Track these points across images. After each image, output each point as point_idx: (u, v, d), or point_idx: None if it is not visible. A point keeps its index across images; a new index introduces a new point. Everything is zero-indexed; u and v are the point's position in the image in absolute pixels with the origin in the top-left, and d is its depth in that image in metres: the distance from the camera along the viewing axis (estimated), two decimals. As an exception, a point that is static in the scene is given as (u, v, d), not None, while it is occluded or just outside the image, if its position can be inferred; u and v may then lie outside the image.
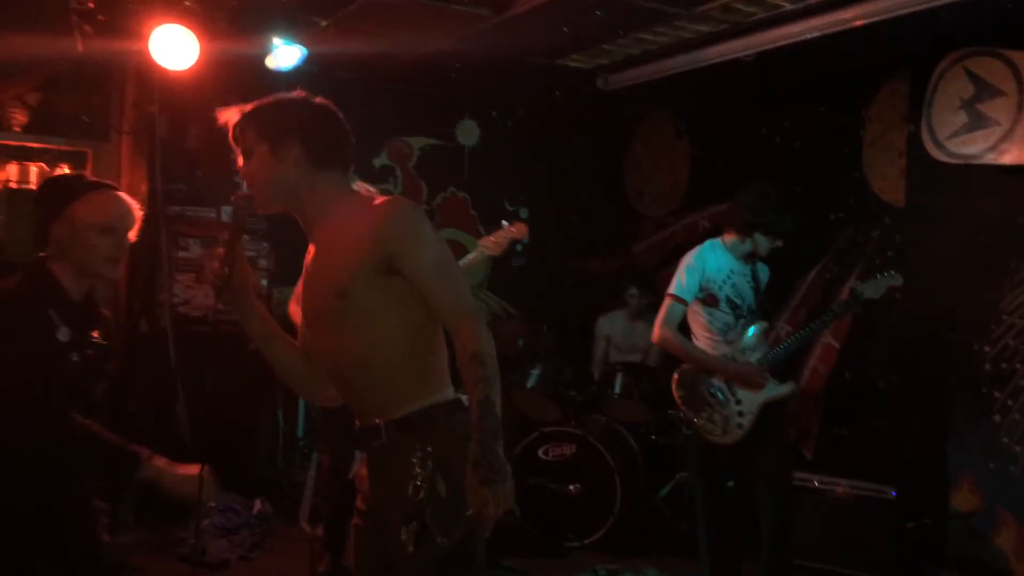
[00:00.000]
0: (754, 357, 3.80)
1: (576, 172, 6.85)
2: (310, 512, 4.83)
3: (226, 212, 5.67)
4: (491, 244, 4.11)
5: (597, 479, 4.94)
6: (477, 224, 6.61)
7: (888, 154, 5.04)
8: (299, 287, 2.23)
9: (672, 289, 3.85)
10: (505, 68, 5.62)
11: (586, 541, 4.91)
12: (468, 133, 6.68)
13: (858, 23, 4.33)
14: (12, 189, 5.57)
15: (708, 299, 3.83)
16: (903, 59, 4.87)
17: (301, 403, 5.68)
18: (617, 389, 5.29)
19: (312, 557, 4.41)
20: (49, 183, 2.64)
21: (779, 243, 3.88)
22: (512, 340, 6.27)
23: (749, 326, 3.83)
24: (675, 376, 3.89)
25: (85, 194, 2.51)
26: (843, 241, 5.22)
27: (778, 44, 4.63)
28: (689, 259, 3.88)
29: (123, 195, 2.59)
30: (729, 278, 3.85)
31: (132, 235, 2.57)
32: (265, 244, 5.80)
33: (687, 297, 3.82)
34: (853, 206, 5.20)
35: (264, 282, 5.65)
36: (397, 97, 6.17)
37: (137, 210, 2.59)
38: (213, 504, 5.03)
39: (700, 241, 4.04)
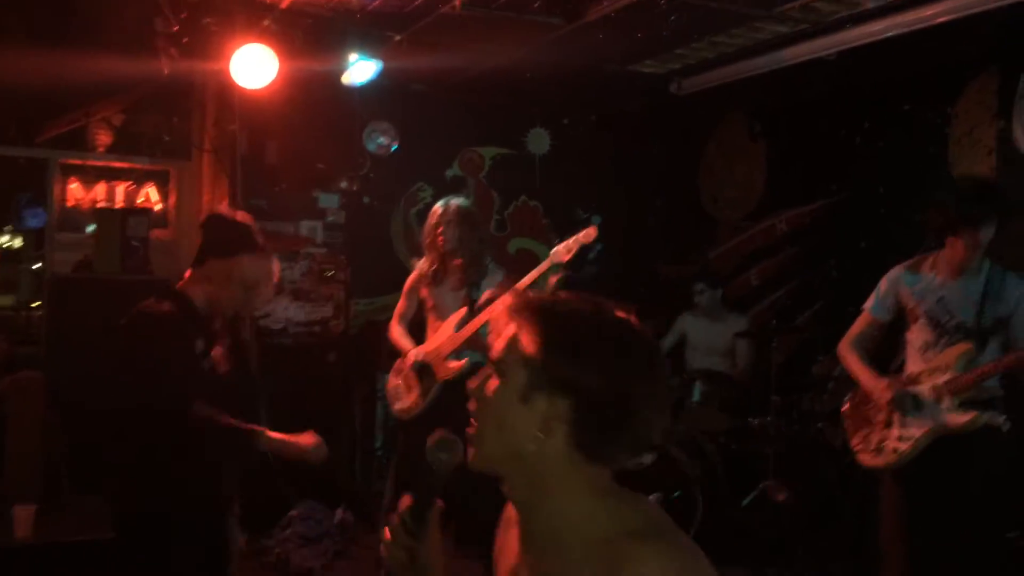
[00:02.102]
0: (942, 379, 3.43)
1: (649, 177, 6.79)
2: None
3: (305, 227, 5.79)
4: (562, 251, 4.12)
5: (676, 489, 4.86)
6: (549, 232, 6.60)
7: (976, 151, 4.87)
8: None
9: (867, 304, 3.68)
10: (576, 75, 5.61)
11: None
12: (538, 142, 6.67)
13: (942, 19, 4.20)
14: (100, 208, 5.77)
15: (909, 315, 3.56)
16: (990, 54, 4.70)
17: (378, 414, 5.74)
18: (696, 397, 5.21)
19: (379, 563, 4.50)
20: (228, 224, 2.83)
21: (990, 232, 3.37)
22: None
23: (951, 345, 3.45)
24: (849, 394, 3.76)
25: (253, 253, 2.82)
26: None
27: (859, 43, 4.51)
28: (890, 272, 3.63)
29: (275, 261, 2.96)
30: (934, 292, 3.51)
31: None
32: (342, 257, 5.89)
33: (879, 314, 3.62)
34: (940, 206, 5.03)
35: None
36: (468, 108, 6.21)
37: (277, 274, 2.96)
38: (295, 513, 5.12)
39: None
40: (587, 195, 6.72)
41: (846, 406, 3.69)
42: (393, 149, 6.00)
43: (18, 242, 14.03)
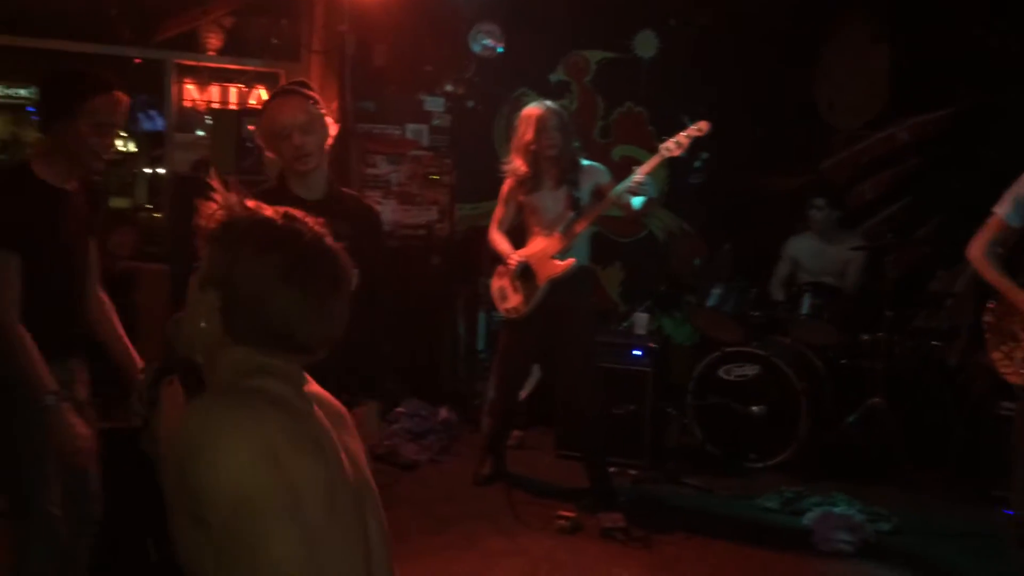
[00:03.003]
0: None
1: (760, 83, 6.52)
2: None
3: (411, 130, 5.81)
4: (673, 146, 4.05)
5: (781, 401, 4.83)
6: (654, 139, 6.43)
7: None
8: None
9: (999, 208, 3.33)
10: (689, -25, 5.38)
11: (768, 463, 4.85)
12: (646, 45, 6.46)
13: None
14: (215, 109, 5.90)
15: None
16: None
17: (482, 316, 5.82)
18: (804, 310, 5.10)
19: (478, 460, 4.68)
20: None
21: None
22: (688, 259, 6.16)
23: None
24: (989, 304, 3.60)
25: (266, 107, 2.73)
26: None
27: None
28: None
29: (290, 103, 2.67)
30: None
31: (315, 138, 2.66)
32: (448, 160, 5.91)
33: (1013, 220, 3.29)
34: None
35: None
36: (574, 10, 6.05)
37: (308, 112, 2.66)
38: (402, 410, 5.30)
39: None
40: (694, 101, 6.48)
41: (988, 318, 3.50)
42: (498, 51, 5.92)
43: (132, 146, 14.52)
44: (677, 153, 4.06)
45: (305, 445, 1.35)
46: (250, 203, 1.47)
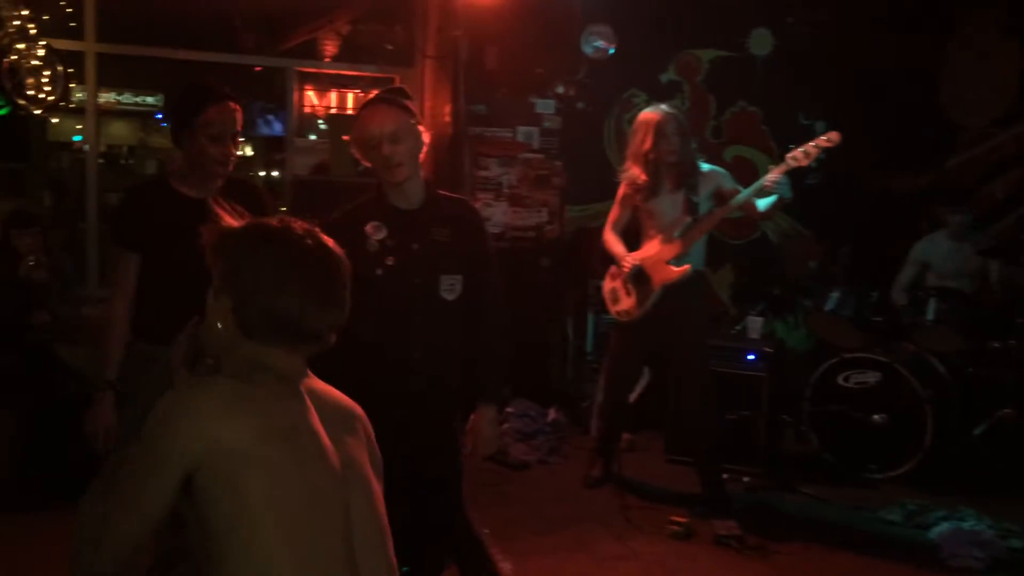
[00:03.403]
0: None
1: (882, 80, 6.30)
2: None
3: (521, 132, 5.85)
4: (800, 156, 3.94)
5: (904, 410, 4.66)
6: (769, 140, 6.32)
7: None
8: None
9: None
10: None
11: (890, 474, 4.68)
12: (761, 43, 6.33)
13: None
14: (333, 114, 6.09)
15: None
16: None
17: (590, 319, 5.82)
18: (930, 315, 4.91)
19: (588, 462, 4.67)
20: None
21: None
22: (802, 261, 6.00)
23: None
24: None
25: (356, 119, 2.72)
26: None
27: None
28: None
29: (379, 113, 2.65)
30: None
31: (405, 147, 2.62)
32: (558, 163, 5.93)
33: None
34: None
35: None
36: (686, 9, 5.98)
37: (397, 122, 2.62)
38: (511, 410, 5.34)
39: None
40: (811, 100, 6.34)
41: None
42: (610, 52, 5.90)
43: (249, 150, 15.10)
44: (804, 163, 3.94)
45: (274, 432, 1.47)
46: (244, 216, 1.62)
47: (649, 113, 4.17)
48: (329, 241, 1.60)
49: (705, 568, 3.70)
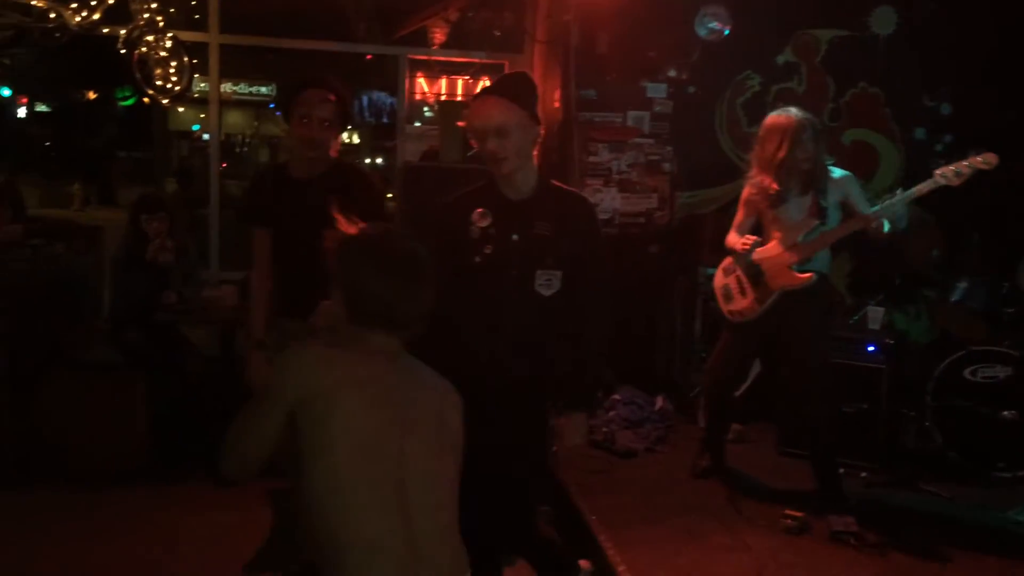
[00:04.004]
0: None
1: (1011, 60, 5.96)
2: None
3: (632, 117, 5.78)
4: (952, 176, 3.73)
5: (1035, 407, 4.41)
6: (890, 122, 6.07)
7: None
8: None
9: None
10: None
11: (1019, 473, 4.45)
12: (884, 21, 6.06)
13: None
14: (443, 101, 6.15)
15: None
16: None
17: (699, 307, 5.72)
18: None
19: (696, 453, 4.60)
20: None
21: None
22: (925, 250, 5.74)
23: None
24: None
25: (469, 110, 2.76)
26: None
27: None
28: None
29: (487, 105, 2.64)
30: None
31: (511, 141, 2.60)
32: (669, 148, 5.84)
33: None
34: None
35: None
36: (805, -14, 5.78)
37: (505, 115, 2.60)
38: (618, 397, 5.31)
39: None
40: (937, 81, 6.05)
41: None
42: (725, 34, 5.77)
43: (356, 138, 15.44)
44: (956, 184, 3.73)
45: (353, 381, 1.88)
46: (359, 225, 2.02)
47: (780, 118, 3.95)
48: (418, 247, 1.99)
49: (821, 564, 3.60)
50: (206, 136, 10.69)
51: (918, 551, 3.72)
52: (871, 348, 4.68)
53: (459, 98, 6.23)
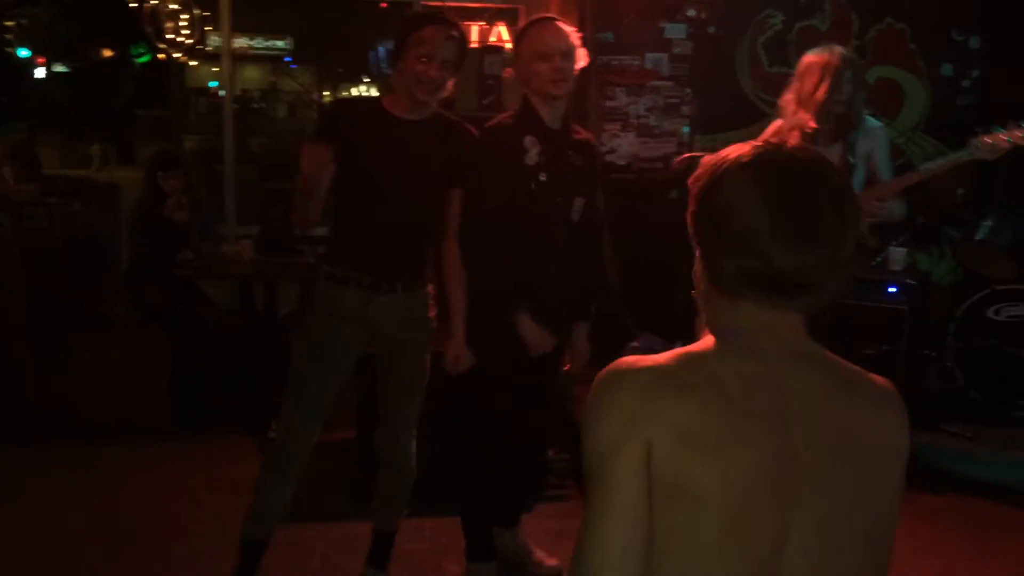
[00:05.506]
0: None
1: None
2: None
3: (650, 59, 5.65)
4: (986, 146, 3.57)
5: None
6: (916, 58, 5.90)
7: None
8: None
9: None
10: None
11: (1044, 412, 4.40)
12: (910, -48, 5.87)
13: None
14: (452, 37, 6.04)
15: None
16: None
17: (720, 252, 5.65)
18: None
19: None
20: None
21: None
22: (950, 188, 5.62)
23: None
24: None
25: (526, 32, 2.83)
26: None
27: None
28: None
29: (554, 28, 2.80)
30: None
31: (572, 65, 2.78)
32: (688, 90, 5.72)
33: None
34: None
35: (685, 129, 5.57)
36: (827, -81, 5.58)
37: (570, 40, 2.78)
38: (636, 344, 5.28)
39: None
40: (965, 14, 5.86)
41: None
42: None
43: (375, 91, 15.31)
44: (990, 159, 3.56)
45: (706, 440, 1.09)
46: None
47: (822, 54, 3.72)
48: (837, 174, 1.21)
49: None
50: (223, 92, 10.65)
51: (941, 492, 3.70)
52: (893, 289, 4.60)
53: (474, 44, 6.12)
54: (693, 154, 5.46)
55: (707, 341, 1.21)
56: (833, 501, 1.11)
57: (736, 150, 1.21)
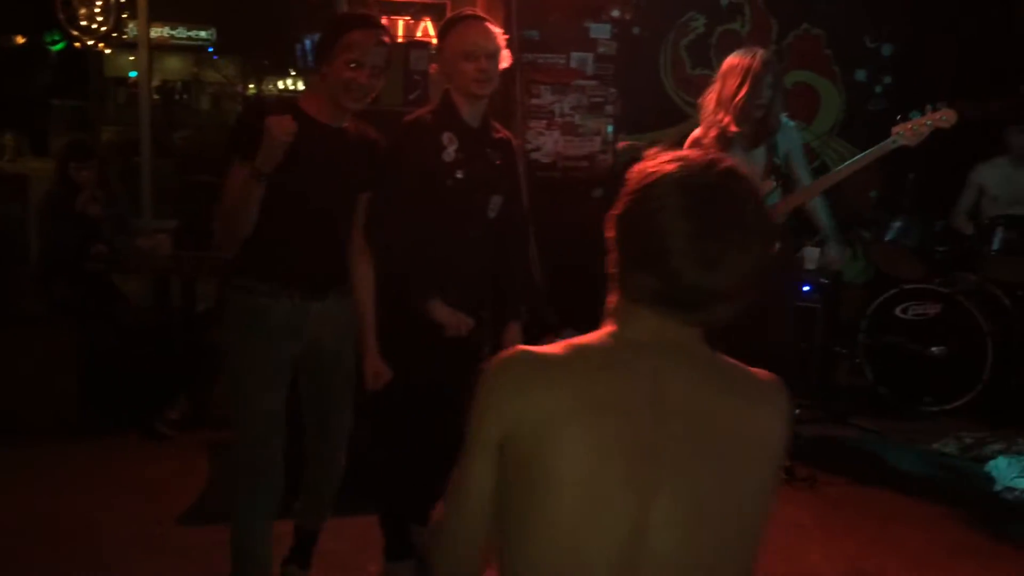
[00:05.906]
0: None
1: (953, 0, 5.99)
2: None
3: (575, 59, 5.70)
4: (910, 135, 3.60)
5: (964, 342, 4.54)
6: (831, 64, 6.09)
7: None
8: None
9: None
10: None
11: (946, 407, 4.59)
12: (827, -39, 6.05)
13: None
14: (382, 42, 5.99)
15: None
16: None
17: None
18: (996, 245, 4.73)
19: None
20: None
21: None
22: (862, 190, 5.82)
23: None
24: None
25: (453, 28, 2.78)
26: None
27: None
28: None
29: (481, 27, 2.78)
30: None
31: (496, 65, 2.76)
32: (612, 90, 5.78)
33: None
34: None
35: (609, 128, 5.63)
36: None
37: (495, 41, 2.76)
38: (558, 339, 5.33)
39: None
40: (877, 21, 6.08)
41: None
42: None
43: (301, 84, 15.07)
44: (913, 142, 3.58)
45: (563, 429, 1.16)
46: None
47: (745, 57, 3.70)
48: (752, 190, 1.23)
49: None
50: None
51: (848, 484, 3.83)
52: (806, 288, 4.75)
53: (400, 39, 6.08)
54: (635, 143, 5.56)
55: (600, 332, 1.28)
56: (696, 490, 1.17)
57: (669, 163, 1.23)
